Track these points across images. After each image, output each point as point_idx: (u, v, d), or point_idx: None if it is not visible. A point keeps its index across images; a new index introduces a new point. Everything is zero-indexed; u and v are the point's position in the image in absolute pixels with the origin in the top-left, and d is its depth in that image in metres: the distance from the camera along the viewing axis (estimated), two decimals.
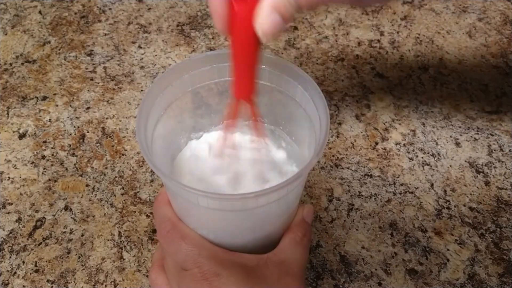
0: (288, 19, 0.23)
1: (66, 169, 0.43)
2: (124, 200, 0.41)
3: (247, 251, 0.30)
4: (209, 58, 0.31)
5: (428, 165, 0.43)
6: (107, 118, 0.46)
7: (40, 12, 0.56)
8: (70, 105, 0.47)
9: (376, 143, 0.44)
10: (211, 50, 0.52)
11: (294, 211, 0.32)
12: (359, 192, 0.41)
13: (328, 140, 0.44)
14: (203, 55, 0.31)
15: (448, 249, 0.38)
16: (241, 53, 0.25)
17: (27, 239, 0.39)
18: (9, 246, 0.38)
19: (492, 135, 0.45)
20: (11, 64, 0.51)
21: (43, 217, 0.40)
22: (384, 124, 0.46)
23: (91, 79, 0.49)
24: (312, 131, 0.30)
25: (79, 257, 0.38)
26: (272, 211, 0.29)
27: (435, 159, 0.43)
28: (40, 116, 0.46)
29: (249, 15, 0.23)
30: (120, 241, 0.38)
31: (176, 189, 0.27)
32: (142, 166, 0.43)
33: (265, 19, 0.22)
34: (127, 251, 0.38)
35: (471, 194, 0.41)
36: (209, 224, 0.30)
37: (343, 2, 0.22)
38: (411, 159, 0.43)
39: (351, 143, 0.44)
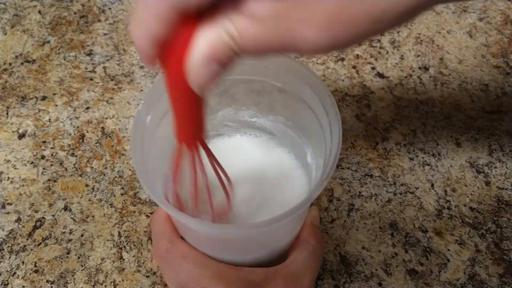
0: (228, 66, 0.18)
1: (66, 169, 0.43)
2: (124, 200, 0.41)
3: (254, 265, 0.28)
4: None
5: (428, 165, 0.43)
6: (106, 118, 0.46)
7: (39, 11, 0.56)
8: (70, 105, 0.47)
9: (377, 143, 0.44)
10: None
11: (303, 219, 0.31)
12: (359, 192, 0.41)
13: None
14: None
15: (448, 249, 0.38)
16: (176, 99, 0.20)
17: (27, 239, 0.39)
18: (8, 247, 0.38)
19: (493, 135, 0.45)
20: (10, 64, 0.50)
21: (43, 217, 0.40)
22: (384, 124, 0.46)
23: (91, 79, 0.49)
24: (323, 138, 0.29)
25: (78, 257, 0.38)
26: (282, 230, 0.28)
27: (436, 159, 0.43)
28: (39, 116, 0.46)
29: (180, 66, 0.17)
30: (120, 241, 0.38)
31: (174, 215, 0.25)
32: None
33: (200, 71, 0.17)
34: (126, 252, 0.38)
35: (471, 194, 0.41)
36: (212, 244, 0.28)
37: (299, 52, 0.17)
38: (411, 159, 0.43)
39: (351, 143, 0.44)
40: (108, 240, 0.38)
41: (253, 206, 0.32)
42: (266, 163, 0.35)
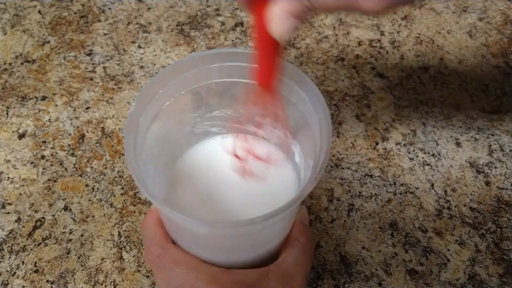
0: (303, 20, 0.23)
1: (66, 169, 0.43)
2: (124, 200, 0.41)
3: (247, 266, 0.29)
4: (209, 56, 0.31)
5: (428, 165, 0.43)
6: (106, 118, 0.46)
7: (39, 11, 0.56)
8: (70, 105, 0.47)
9: (377, 143, 0.44)
10: (210, 50, 0.52)
11: (293, 218, 0.31)
12: (359, 192, 0.41)
13: None
14: (203, 53, 0.30)
15: (448, 249, 0.38)
16: (262, 46, 0.25)
17: (27, 239, 0.39)
18: (8, 247, 0.38)
19: (493, 135, 0.45)
20: (10, 64, 0.50)
21: (43, 217, 0.40)
22: (384, 124, 0.46)
23: (91, 79, 0.49)
24: (311, 137, 0.29)
25: (78, 257, 0.38)
26: (274, 228, 0.28)
27: (436, 159, 0.43)
28: (39, 116, 0.46)
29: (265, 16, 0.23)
30: (120, 241, 0.38)
31: (171, 215, 0.26)
32: None
33: (280, 24, 0.22)
34: (126, 252, 0.38)
35: (471, 194, 0.41)
36: (205, 244, 0.28)
37: (362, 11, 0.22)
38: (411, 159, 0.43)
39: (351, 143, 0.44)
40: (108, 240, 0.38)
41: (244, 206, 0.33)
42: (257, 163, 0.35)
